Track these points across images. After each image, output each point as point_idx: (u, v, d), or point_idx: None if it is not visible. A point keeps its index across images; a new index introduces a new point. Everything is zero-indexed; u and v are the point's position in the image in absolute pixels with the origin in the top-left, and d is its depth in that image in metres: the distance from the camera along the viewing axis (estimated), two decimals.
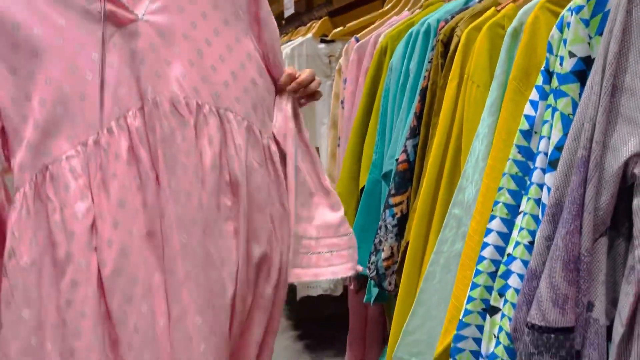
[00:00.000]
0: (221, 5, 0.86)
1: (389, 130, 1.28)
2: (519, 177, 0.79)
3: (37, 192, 0.77)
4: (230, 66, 0.85)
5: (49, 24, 0.77)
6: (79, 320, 0.74)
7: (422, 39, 1.16)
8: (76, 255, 0.74)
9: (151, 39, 0.80)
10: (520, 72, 0.82)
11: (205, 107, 0.83)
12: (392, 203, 1.15)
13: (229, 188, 0.83)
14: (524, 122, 0.78)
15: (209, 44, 0.85)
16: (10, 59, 0.77)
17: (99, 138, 0.78)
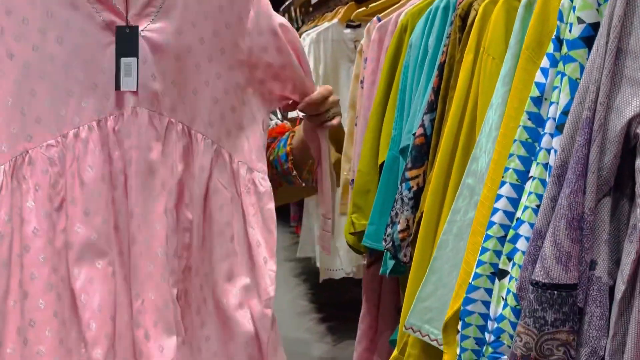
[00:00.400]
0: (222, 34, 0.91)
1: (408, 106, 1.31)
2: (529, 143, 0.81)
3: (15, 172, 0.84)
4: (213, 92, 0.91)
5: (53, 24, 0.85)
6: (41, 294, 0.82)
7: (441, 15, 1.18)
8: (42, 233, 0.83)
9: (144, 53, 0.86)
10: (533, 42, 0.84)
11: (179, 126, 0.90)
12: (409, 176, 1.17)
13: (190, 203, 0.90)
14: (535, 89, 0.80)
15: (198, 68, 0.90)
16: (11, 46, 0.84)
17: (79, 132, 0.86)
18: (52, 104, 0.86)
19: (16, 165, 0.85)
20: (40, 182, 0.85)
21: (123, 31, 0.87)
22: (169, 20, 0.88)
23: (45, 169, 0.85)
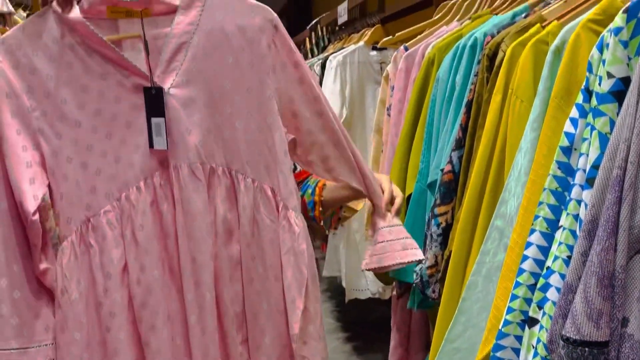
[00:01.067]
0: (247, 74, 0.93)
1: (435, 140, 1.31)
2: (558, 192, 0.81)
3: (82, 240, 0.92)
4: (246, 132, 0.94)
5: (89, 97, 0.90)
6: (116, 342, 0.91)
7: (469, 53, 1.19)
8: (112, 291, 0.91)
9: (175, 112, 0.91)
10: (562, 90, 0.84)
11: (219, 170, 0.94)
12: (437, 213, 1.18)
13: (236, 240, 0.95)
14: (564, 139, 0.80)
15: (229, 112, 0.93)
16: (57, 127, 0.91)
17: (129, 194, 0.92)
18: (103, 173, 0.92)
19: (81, 234, 0.92)
20: (103, 246, 0.91)
21: (150, 93, 0.90)
22: (193, 71, 0.91)
23: (106, 233, 0.92)
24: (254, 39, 0.92)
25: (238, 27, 0.92)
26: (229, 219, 0.93)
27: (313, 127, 0.98)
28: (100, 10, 0.90)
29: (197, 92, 0.91)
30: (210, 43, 0.91)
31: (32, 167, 0.89)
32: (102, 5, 0.90)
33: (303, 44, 4.54)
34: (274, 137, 0.95)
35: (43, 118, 0.90)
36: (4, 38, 0.90)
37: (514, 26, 1.09)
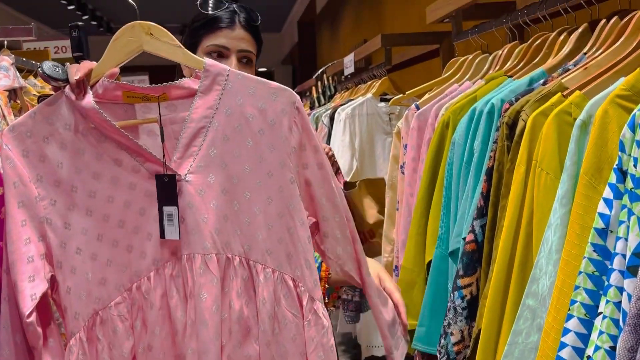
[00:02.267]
0: (267, 158, 0.90)
1: (455, 205, 1.28)
2: (595, 276, 0.77)
3: (89, 336, 0.88)
4: (266, 218, 0.90)
5: (101, 184, 0.88)
6: None
7: (486, 119, 1.17)
8: None
9: (191, 198, 0.88)
10: (592, 167, 0.81)
11: (236, 260, 0.89)
12: (461, 285, 1.13)
13: (254, 339, 0.89)
14: (599, 220, 0.76)
15: (248, 197, 0.90)
16: (66, 216, 0.88)
17: (140, 284, 0.88)
18: (114, 263, 0.88)
19: (89, 328, 0.87)
20: (113, 341, 0.87)
21: (162, 180, 0.87)
22: (211, 156, 0.88)
23: (116, 327, 0.88)
24: (276, 121, 0.89)
25: (259, 110, 0.89)
26: (246, 315, 0.88)
27: (329, 214, 0.94)
28: (116, 95, 0.89)
29: (214, 177, 0.88)
30: (230, 127, 0.89)
31: (34, 261, 0.85)
32: (117, 90, 0.88)
33: (309, 92, 4.58)
34: (295, 223, 0.90)
35: (51, 207, 0.86)
36: (13, 125, 0.88)
37: (533, 93, 1.07)
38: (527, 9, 1.47)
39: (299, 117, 0.91)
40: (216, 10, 1.14)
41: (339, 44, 6.19)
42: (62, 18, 7.54)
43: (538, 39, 1.35)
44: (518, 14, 1.51)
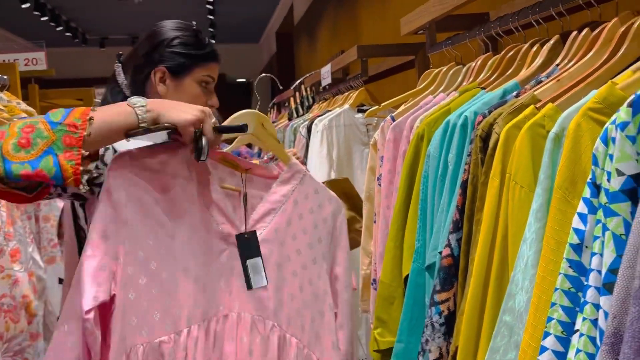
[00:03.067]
0: (315, 247, 1.10)
1: (431, 218, 1.26)
2: (572, 292, 0.76)
3: None
4: (305, 297, 1.07)
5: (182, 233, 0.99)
6: None
7: (460, 132, 1.16)
8: None
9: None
10: (566, 181, 0.80)
11: (276, 329, 1.03)
12: (438, 300, 1.11)
13: None
14: (574, 235, 0.75)
15: (294, 276, 1.07)
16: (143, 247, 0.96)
17: (190, 332, 0.97)
18: (170, 304, 0.96)
19: (127, 355, 0.93)
20: None
21: (243, 237, 1.03)
22: (274, 234, 1.06)
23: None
24: (327, 220, 1.13)
25: (318, 206, 1.12)
26: None
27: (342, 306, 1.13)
28: (214, 154, 1.03)
29: (272, 252, 1.05)
30: (295, 214, 1.09)
31: (105, 271, 0.92)
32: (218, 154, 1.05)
33: (288, 103, 4.57)
34: (326, 307, 1.09)
35: (133, 234, 0.94)
36: (131, 151, 0.98)
37: (506, 106, 1.06)
38: (499, 21, 1.47)
39: (341, 221, 1.15)
40: (207, 46, 1.29)
41: (317, 54, 6.21)
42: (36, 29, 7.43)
43: (511, 50, 1.34)
44: (491, 26, 1.51)
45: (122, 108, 0.97)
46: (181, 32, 1.26)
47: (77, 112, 0.92)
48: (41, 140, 0.88)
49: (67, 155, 0.88)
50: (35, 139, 0.88)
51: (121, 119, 0.95)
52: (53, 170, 0.87)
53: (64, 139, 0.88)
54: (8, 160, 0.86)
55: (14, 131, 0.88)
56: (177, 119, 0.96)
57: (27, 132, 0.88)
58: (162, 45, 1.24)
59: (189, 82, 1.25)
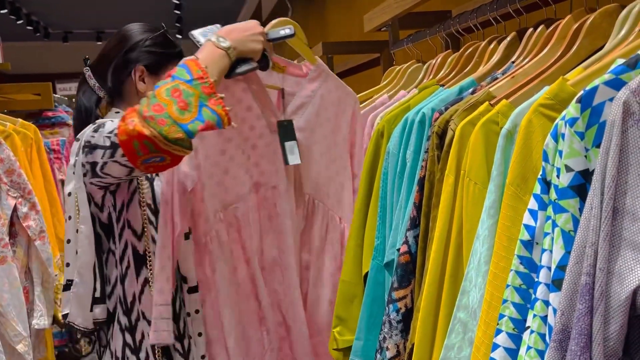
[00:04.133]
0: (337, 132, 1.40)
1: (390, 215, 1.25)
2: (522, 289, 0.76)
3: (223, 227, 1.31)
4: (329, 173, 1.40)
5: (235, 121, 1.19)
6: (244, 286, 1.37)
7: (418, 128, 1.15)
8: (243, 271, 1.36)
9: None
10: (517, 178, 0.80)
11: (306, 196, 1.39)
12: (396, 297, 1.10)
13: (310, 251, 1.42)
14: (524, 232, 0.75)
15: (321, 156, 1.39)
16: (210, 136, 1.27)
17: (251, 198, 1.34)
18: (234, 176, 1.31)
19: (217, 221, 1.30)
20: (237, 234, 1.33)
21: (282, 124, 1.32)
22: (306, 121, 1.36)
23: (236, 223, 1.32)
24: (345, 110, 1.40)
25: (338, 99, 1.39)
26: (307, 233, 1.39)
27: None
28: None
29: (304, 137, 1.35)
30: (322, 106, 1.37)
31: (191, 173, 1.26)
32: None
33: None
34: (346, 179, 1.41)
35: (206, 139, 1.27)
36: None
37: (461, 102, 1.05)
38: (459, 18, 1.48)
39: (357, 109, 1.44)
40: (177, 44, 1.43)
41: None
42: None
43: (469, 47, 1.35)
44: (451, 23, 1.52)
45: (216, 51, 1.15)
46: (151, 33, 1.39)
47: (191, 65, 1.09)
48: (191, 97, 1.05)
49: (212, 102, 1.07)
50: (188, 98, 1.05)
51: (223, 61, 1.15)
52: (214, 117, 1.06)
53: (203, 90, 1.06)
54: (182, 124, 1.03)
55: (167, 99, 1.04)
56: (254, 50, 1.21)
57: (177, 95, 1.04)
58: (138, 46, 1.37)
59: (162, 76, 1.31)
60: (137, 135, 1.03)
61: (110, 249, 1.30)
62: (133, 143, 1.05)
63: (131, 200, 1.28)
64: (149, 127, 1.02)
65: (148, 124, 1.02)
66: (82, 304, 1.25)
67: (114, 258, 1.29)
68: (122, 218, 1.28)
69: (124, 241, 1.28)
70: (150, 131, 1.02)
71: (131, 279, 1.28)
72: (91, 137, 1.20)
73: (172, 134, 1.02)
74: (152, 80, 1.36)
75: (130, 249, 1.28)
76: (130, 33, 1.38)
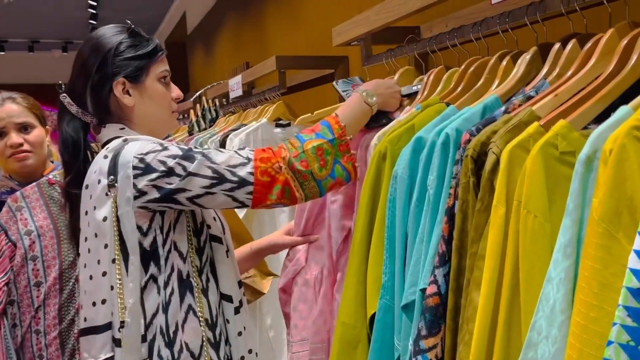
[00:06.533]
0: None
1: (400, 247, 1.11)
2: (631, 347, 0.64)
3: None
4: None
5: None
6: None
7: (441, 151, 1.02)
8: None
9: None
10: (609, 212, 0.68)
11: None
12: (425, 347, 0.96)
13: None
14: (632, 278, 0.63)
15: None
16: None
17: None
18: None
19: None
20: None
21: None
22: None
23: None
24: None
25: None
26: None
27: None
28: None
29: None
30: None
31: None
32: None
33: (187, 115, 4.25)
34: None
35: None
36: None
37: (499, 123, 0.94)
38: (435, 38, 1.42)
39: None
40: (151, 40, 1.24)
41: (216, 66, 5.92)
42: None
43: (473, 63, 1.25)
44: (427, 43, 1.45)
45: (363, 106, 1.24)
46: (122, 35, 1.21)
47: (332, 124, 1.16)
48: (329, 156, 1.13)
49: (345, 159, 1.14)
50: (326, 157, 1.13)
51: (367, 116, 1.25)
52: (344, 174, 1.14)
53: (339, 148, 1.14)
54: (318, 180, 1.12)
55: (312, 157, 1.12)
56: (392, 106, 1.32)
57: (320, 154, 1.13)
58: (111, 56, 1.19)
59: (150, 82, 1.22)
60: (282, 182, 1.09)
61: (152, 275, 1.13)
62: (274, 187, 1.09)
63: (177, 220, 1.15)
64: (295, 180, 1.10)
65: (295, 177, 1.10)
66: (133, 346, 1.10)
67: (156, 285, 1.13)
68: (168, 240, 1.14)
69: (169, 265, 1.13)
70: (295, 184, 1.10)
71: (175, 306, 1.13)
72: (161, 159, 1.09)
73: (310, 191, 1.12)
74: (137, 90, 1.20)
75: (175, 273, 1.13)
76: (100, 40, 1.20)
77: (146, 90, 1.21)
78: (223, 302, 1.19)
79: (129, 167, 1.10)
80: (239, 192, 1.10)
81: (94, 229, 1.12)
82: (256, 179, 1.09)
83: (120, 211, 1.10)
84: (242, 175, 1.09)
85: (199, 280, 1.14)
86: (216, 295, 1.17)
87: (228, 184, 1.09)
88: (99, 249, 1.12)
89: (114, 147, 1.14)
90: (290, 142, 1.14)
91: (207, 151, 1.12)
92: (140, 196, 1.09)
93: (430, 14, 1.73)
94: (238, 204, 1.12)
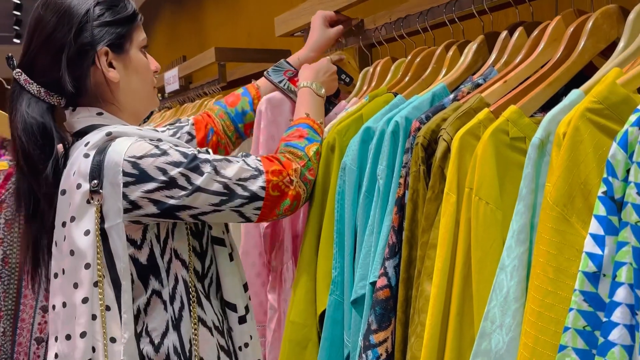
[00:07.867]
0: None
1: (350, 240, 1.08)
2: (587, 332, 0.62)
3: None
4: None
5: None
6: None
7: (390, 140, 0.99)
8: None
9: None
10: (563, 196, 0.67)
11: None
12: (375, 342, 0.93)
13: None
14: (587, 261, 0.62)
15: None
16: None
17: None
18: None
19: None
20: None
21: None
22: None
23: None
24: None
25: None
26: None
27: None
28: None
29: None
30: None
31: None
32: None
33: None
34: None
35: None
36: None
37: (448, 110, 0.92)
38: (383, 27, 1.39)
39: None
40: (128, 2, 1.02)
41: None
42: None
43: (420, 53, 1.23)
44: (372, 35, 1.43)
45: (318, 99, 1.23)
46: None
47: (311, 123, 1.16)
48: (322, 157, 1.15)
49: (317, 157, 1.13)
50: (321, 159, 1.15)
51: (322, 110, 1.24)
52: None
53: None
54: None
55: (315, 162, 1.11)
56: (334, 89, 1.31)
57: (318, 158, 1.13)
58: (88, 21, 0.96)
59: (134, 52, 1.02)
60: (292, 197, 1.02)
61: (154, 291, 0.96)
62: (282, 202, 1.01)
63: (175, 226, 0.98)
64: (306, 192, 1.06)
65: (306, 188, 1.06)
66: None
67: (160, 300, 0.96)
68: (167, 249, 0.97)
69: (172, 277, 0.97)
70: (305, 196, 1.06)
71: (187, 320, 0.97)
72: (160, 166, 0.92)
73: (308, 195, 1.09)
74: (122, 62, 1.00)
75: (181, 284, 0.97)
76: (66, 6, 0.96)
77: (131, 62, 1.01)
78: (227, 310, 1.03)
79: (118, 172, 0.90)
80: (247, 207, 0.97)
81: (69, 245, 0.92)
82: (267, 194, 0.98)
83: (107, 224, 0.91)
84: (254, 190, 0.97)
85: (200, 286, 0.99)
86: (219, 302, 1.03)
87: (238, 200, 0.96)
88: (78, 269, 0.92)
89: (96, 144, 0.94)
90: (290, 152, 1.05)
91: (216, 161, 0.96)
92: (133, 209, 0.91)
93: (374, 5, 1.72)
94: (243, 220, 0.99)
